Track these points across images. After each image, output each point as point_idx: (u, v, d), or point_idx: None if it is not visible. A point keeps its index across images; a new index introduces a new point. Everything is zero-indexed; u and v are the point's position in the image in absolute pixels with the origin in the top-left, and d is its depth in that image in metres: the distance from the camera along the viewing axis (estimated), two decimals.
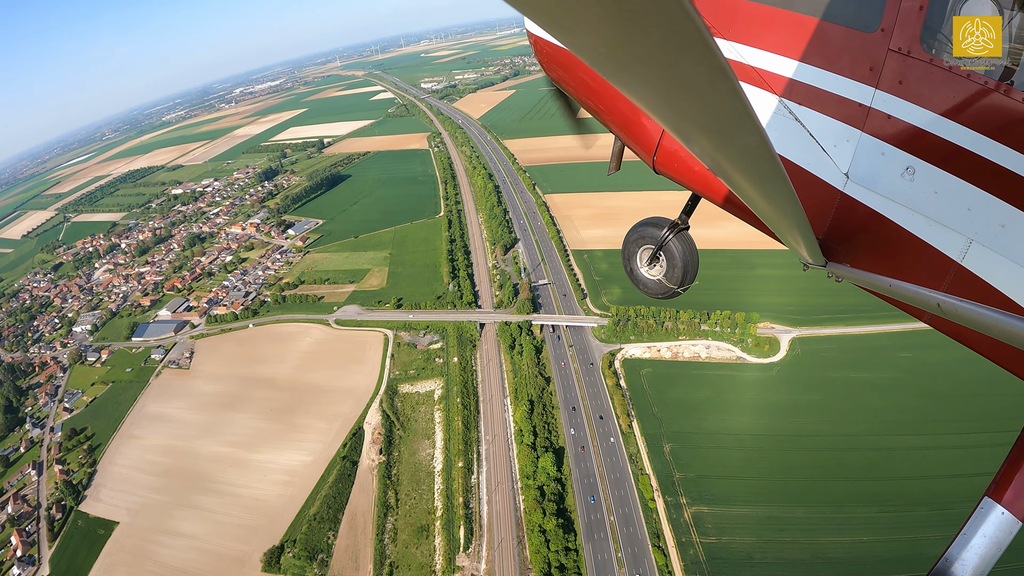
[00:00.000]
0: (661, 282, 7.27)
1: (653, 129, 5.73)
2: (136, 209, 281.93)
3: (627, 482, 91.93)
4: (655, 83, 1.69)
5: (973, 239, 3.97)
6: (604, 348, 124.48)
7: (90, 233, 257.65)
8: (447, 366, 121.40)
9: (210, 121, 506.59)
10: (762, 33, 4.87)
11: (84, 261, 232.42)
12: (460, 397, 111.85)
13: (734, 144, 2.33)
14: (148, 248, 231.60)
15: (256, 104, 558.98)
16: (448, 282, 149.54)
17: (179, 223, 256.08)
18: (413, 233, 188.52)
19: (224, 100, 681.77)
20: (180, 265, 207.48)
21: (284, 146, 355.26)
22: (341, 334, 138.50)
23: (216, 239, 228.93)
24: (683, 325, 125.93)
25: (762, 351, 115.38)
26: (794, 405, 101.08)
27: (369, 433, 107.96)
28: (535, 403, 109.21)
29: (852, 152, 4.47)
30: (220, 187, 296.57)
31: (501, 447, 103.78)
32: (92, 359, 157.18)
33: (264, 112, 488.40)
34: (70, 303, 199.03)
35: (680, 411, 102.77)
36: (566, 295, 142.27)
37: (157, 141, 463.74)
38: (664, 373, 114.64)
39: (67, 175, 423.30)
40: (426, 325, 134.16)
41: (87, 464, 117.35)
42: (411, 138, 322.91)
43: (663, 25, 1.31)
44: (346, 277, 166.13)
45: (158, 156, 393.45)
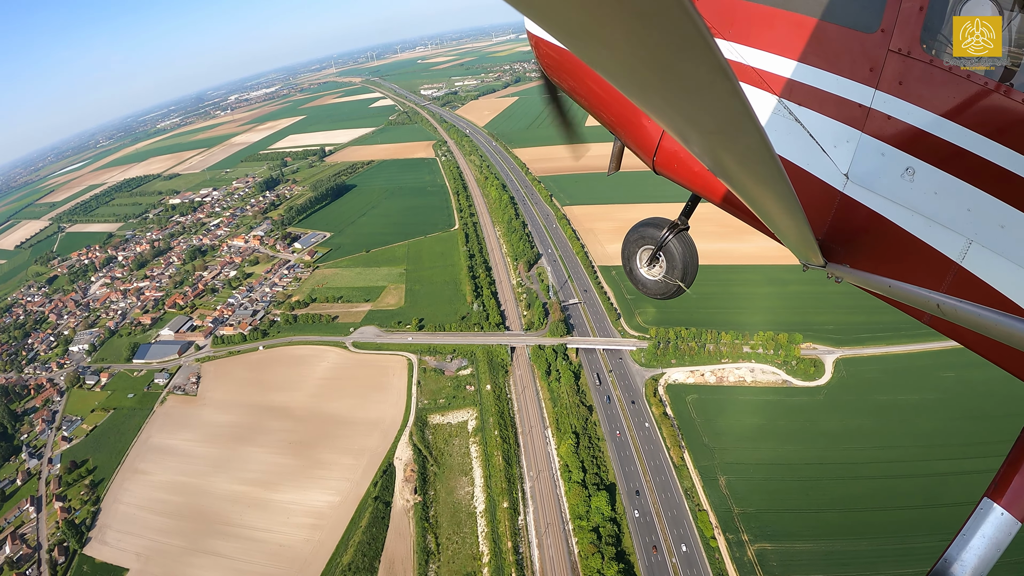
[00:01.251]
0: (661, 282, 7.15)
1: (653, 130, 5.69)
2: (132, 219, 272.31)
3: (685, 520, 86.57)
4: (655, 84, 1.69)
5: (973, 240, 3.93)
6: (645, 373, 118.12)
7: (85, 244, 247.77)
8: (479, 394, 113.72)
9: (206, 128, 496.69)
10: (762, 34, 4.81)
11: (80, 274, 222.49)
12: (498, 429, 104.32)
13: (734, 145, 2.35)
14: (146, 261, 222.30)
15: (252, 111, 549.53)
16: (472, 301, 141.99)
17: (178, 235, 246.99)
18: (428, 247, 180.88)
19: (219, 107, 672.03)
20: (181, 280, 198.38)
21: (284, 154, 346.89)
22: (360, 358, 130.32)
23: (218, 252, 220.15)
24: (725, 347, 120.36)
25: (807, 374, 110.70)
26: (845, 431, 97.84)
27: (401, 470, 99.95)
28: (580, 435, 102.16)
29: (852, 153, 4.43)
30: (219, 197, 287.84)
31: (547, 484, 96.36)
32: (91, 382, 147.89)
33: (261, 119, 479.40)
34: (66, 319, 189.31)
35: (731, 440, 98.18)
36: (599, 315, 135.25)
37: (152, 149, 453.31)
38: (710, 399, 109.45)
39: (61, 183, 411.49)
40: (452, 349, 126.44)
41: (90, 501, 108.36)
42: (416, 146, 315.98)
43: (663, 26, 1.31)
44: (360, 295, 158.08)
45: (154, 164, 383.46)
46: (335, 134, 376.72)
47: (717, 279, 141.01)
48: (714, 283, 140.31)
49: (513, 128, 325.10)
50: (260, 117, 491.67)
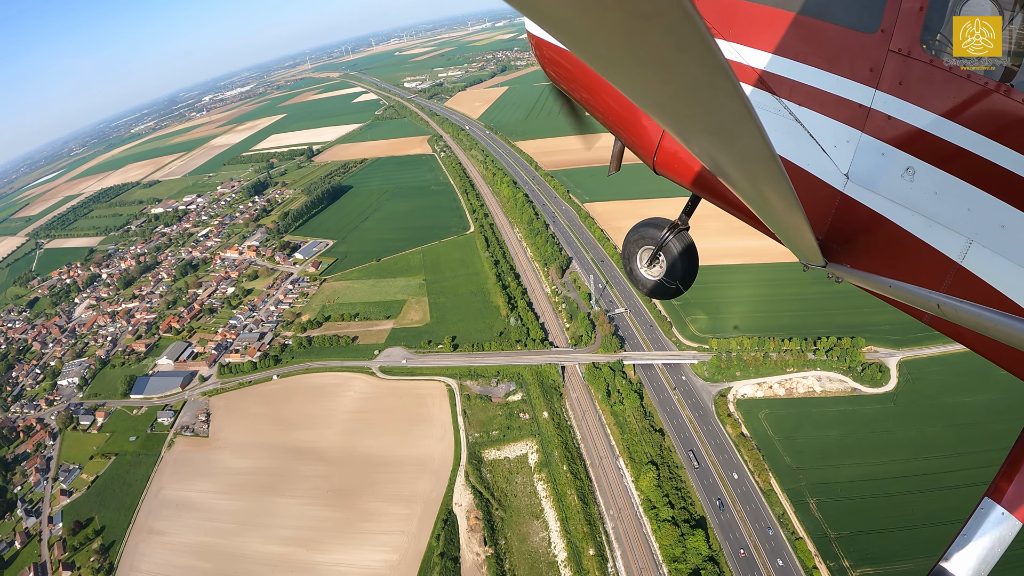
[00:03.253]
0: (661, 283, 7.13)
1: (653, 130, 5.67)
2: (114, 232, 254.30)
3: (784, 550, 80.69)
4: (656, 84, 1.68)
5: (973, 240, 3.94)
6: (711, 388, 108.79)
7: (66, 261, 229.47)
8: (536, 423, 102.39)
9: (183, 131, 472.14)
10: (762, 34, 4.79)
11: (62, 295, 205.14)
12: (566, 463, 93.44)
13: (735, 145, 2.34)
14: (133, 279, 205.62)
15: (229, 111, 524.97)
16: (507, 314, 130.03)
17: (164, 247, 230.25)
18: (445, 254, 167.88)
19: (194, 108, 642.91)
20: (174, 300, 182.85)
21: (269, 155, 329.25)
22: (392, 386, 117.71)
23: (210, 266, 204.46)
24: (790, 356, 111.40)
25: (874, 380, 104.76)
26: (921, 439, 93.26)
27: (463, 518, 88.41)
28: (658, 465, 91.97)
29: (852, 153, 4.43)
30: (205, 204, 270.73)
31: (631, 523, 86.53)
32: (86, 423, 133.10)
33: (240, 119, 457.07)
34: (51, 348, 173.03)
35: (813, 458, 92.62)
36: (648, 324, 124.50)
37: (128, 155, 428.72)
38: (784, 414, 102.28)
39: (36, 196, 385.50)
40: (496, 371, 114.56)
41: (103, 570, 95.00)
42: (410, 142, 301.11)
43: (664, 26, 1.31)
44: (379, 311, 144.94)
45: (131, 171, 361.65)
46: (320, 132, 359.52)
47: (764, 279, 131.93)
48: (764, 284, 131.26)
49: (510, 119, 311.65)
50: (238, 117, 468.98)
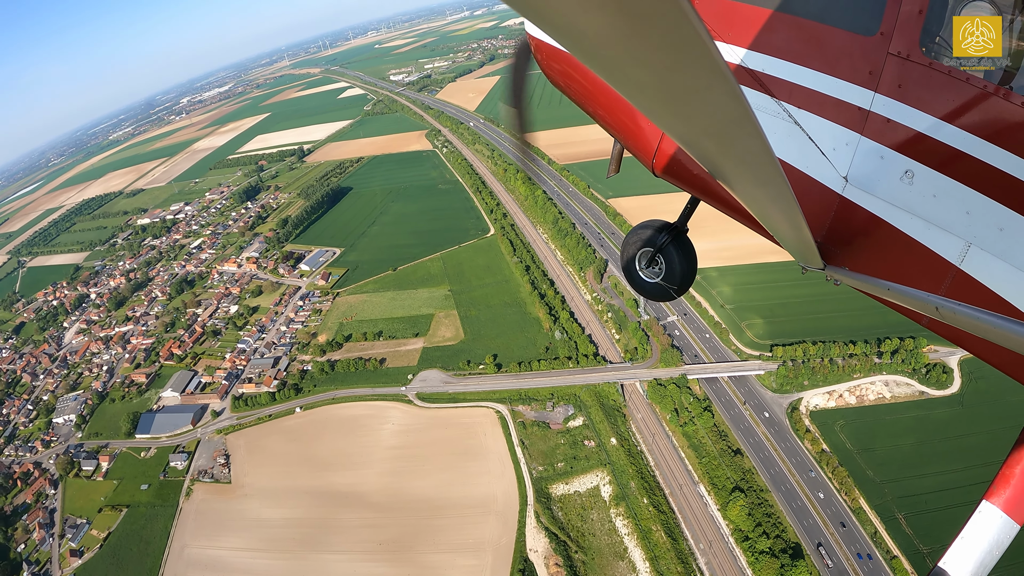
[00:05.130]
0: (659, 285, 7.14)
1: (652, 132, 5.62)
2: (100, 247, 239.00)
3: (882, 573, 75.95)
4: (655, 86, 1.69)
5: (972, 243, 3.94)
6: (782, 400, 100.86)
7: (51, 281, 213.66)
8: (605, 451, 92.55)
9: (163, 136, 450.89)
10: (761, 36, 4.77)
11: (50, 319, 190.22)
12: (645, 495, 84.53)
13: (734, 147, 2.38)
14: (125, 299, 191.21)
15: (209, 113, 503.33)
16: (550, 327, 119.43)
17: (155, 262, 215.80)
18: (467, 260, 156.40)
19: (172, 112, 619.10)
20: (172, 321, 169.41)
21: (257, 157, 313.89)
22: (434, 415, 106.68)
23: (207, 281, 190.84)
24: (856, 361, 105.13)
25: (940, 381, 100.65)
26: (993, 443, 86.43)
27: (542, 565, 78.62)
28: (743, 490, 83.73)
29: (851, 156, 4.41)
30: (194, 212, 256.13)
31: (724, 557, 79.27)
32: (89, 468, 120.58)
33: (222, 121, 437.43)
34: (43, 380, 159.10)
35: (894, 469, 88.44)
36: (702, 332, 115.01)
37: (108, 163, 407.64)
38: (858, 423, 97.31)
39: (14, 210, 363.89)
40: (550, 393, 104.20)
41: None
42: (407, 138, 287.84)
43: (663, 28, 1.31)
44: (405, 328, 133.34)
45: (113, 180, 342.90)
46: (309, 130, 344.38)
47: (812, 277, 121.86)
48: (812, 282, 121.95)
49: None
50: (220, 119, 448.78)
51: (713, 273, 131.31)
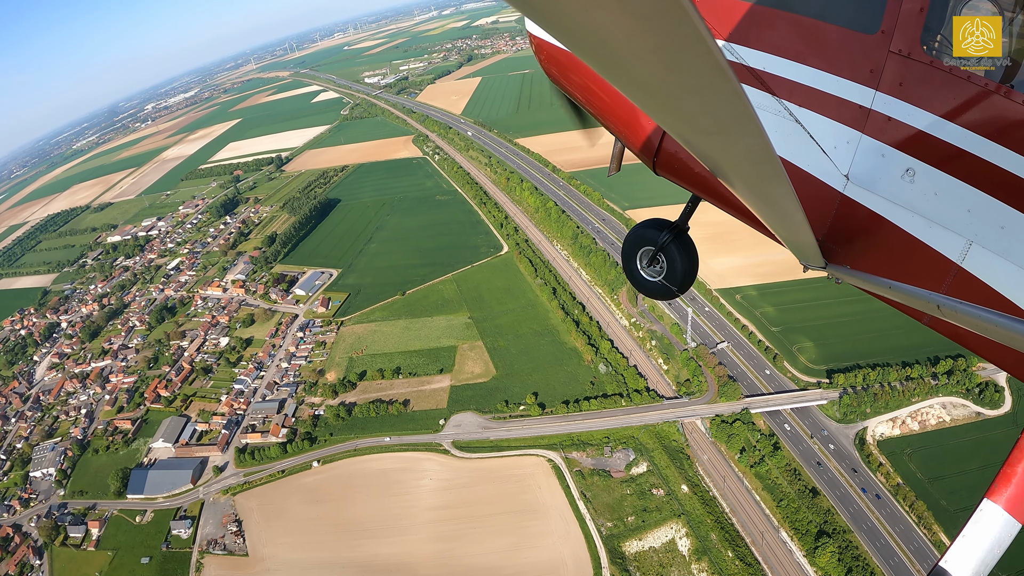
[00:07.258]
0: (660, 284, 7.02)
1: (654, 131, 5.59)
2: (68, 268, 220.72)
3: None
4: (656, 85, 1.69)
5: (973, 241, 3.94)
6: (848, 431, 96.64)
7: (18, 307, 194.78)
8: (677, 500, 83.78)
9: (129, 145, 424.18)
10: (762, 35, 4.77)
11: (18, 352, 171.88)
12: (729, 548, 76.48)
13: (735, 146, 2.38)
14: (100, 328, 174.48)
15: (176, 120, 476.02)
16: (591, 359, 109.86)
17: (129, 285, 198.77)
18: (484, 282, 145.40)
19: (137, 119, 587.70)
20: (154, 356, 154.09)
21: (231, 167, 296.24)
22: (476, 467, 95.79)
23: (190, 308, 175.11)
24: (914, 384, 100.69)
25: (993, 401, 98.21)
26: None
27: None
28: (829, 534, 77.41)
29: (852, 154, 4.41)
30: (168, 228, 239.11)
31: None
32: (77, 534, 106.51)
33: (190, 128, 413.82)
34: (15, 424, 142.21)
35: (966, 498, 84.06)
36: (754, 358, 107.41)
37: (73, 174, 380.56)
38: (924, 451, 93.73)
39: None
40: (604, 436, 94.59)
41: None
42: (392, 144, 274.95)
43: (664, 26, 1.31)
44: (427, 363, 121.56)
45: (79, 193, 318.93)
46: (284, 137, 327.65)
47: (853, 293, 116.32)
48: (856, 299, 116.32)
49: (500, 113, 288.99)
50: (188, 126, 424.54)
51: (752, 292, 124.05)
